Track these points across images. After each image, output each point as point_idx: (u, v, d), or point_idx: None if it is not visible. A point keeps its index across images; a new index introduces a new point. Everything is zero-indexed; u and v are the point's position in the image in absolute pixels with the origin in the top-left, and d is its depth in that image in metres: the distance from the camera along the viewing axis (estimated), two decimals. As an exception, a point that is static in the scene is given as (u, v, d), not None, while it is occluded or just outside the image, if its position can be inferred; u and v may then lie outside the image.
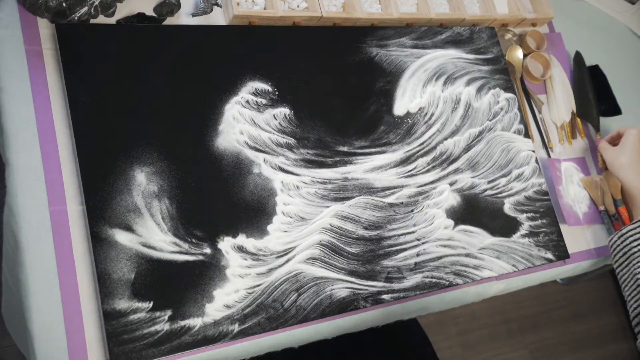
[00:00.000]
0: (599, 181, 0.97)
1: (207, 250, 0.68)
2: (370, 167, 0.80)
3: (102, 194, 0.65)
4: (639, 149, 0.91)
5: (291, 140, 0.77)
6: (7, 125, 0.65)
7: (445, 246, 0.81)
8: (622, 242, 0.82)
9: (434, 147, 0.86)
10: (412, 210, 0.81)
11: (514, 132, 0.92)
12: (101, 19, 0.72)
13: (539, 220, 0.89)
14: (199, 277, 0.67)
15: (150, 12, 0.75)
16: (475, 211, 0.85)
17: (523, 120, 0.94)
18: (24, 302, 0.61)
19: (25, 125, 0.65)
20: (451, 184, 0.85)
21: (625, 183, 0.90)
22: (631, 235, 0.81)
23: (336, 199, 0.77)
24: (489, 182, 0.87)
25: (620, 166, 0.91)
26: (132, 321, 0.62)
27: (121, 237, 0.64)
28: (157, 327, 0.63)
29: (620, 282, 0.82)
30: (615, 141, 0.96)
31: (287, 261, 0.72)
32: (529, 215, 0.88)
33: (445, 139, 0.87)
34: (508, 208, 0.88)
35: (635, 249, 0.80)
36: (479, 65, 0.93)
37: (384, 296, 0.75)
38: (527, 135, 0.93)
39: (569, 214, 0.92)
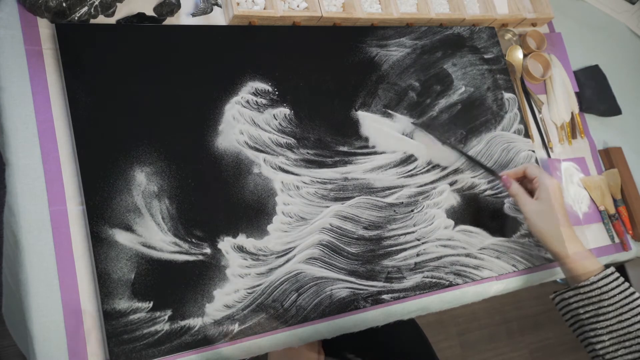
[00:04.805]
0: (599, 181, 0.97)
1: (207, 250, 0.68)
2: (370, 167, 0.80)
3: (102, 194, 0.65)
4: (560, 205, 0.78)
5: (291, 140, 0.77)
6: (7, 125, 0.65)
7: (445, 246, 0.81)
8: (567, 305, 0.76)
9: (434, 147, 0.86)
10: (412, 210, 0.81)
11: (514, 132, 0.92)
12: (101, 19, 0.72)
13: (539, 220, 0.89)
14: (199, 277, 0.67)
15: (150, 12, 0.75)
16: (475, 211, 0.85)
17: (523, 120, 0.94)
18: (24, 302, 0.61)
19: (25, 125, 0.65)
20: (451, 184, 0.85)
21: (557, 252, 0.77)
22: (575, 302, 0.75)
23: (336, 199, 0.77)
24: (489, 182, 0.87)
25: (546, 232, 0.77)
26: (132, 321, 0.62)
27: (121, 237, 0.64)
28: (157, 327, 0.63)
29: (579, 340, 0.77)
30: (521, 180, 0.83)
31: (287, 261, 0.72)
32: (529, 215, 0.88)
33: (445, 139, 0.87)
34: (508, 208, 0.88)
35: (583, 316, 0.74)
36: (479, 65, 0.93)
37: (384, 296, 0.75)
38: (527, 135, 0.93)
39: (569, 213, 0.92)
